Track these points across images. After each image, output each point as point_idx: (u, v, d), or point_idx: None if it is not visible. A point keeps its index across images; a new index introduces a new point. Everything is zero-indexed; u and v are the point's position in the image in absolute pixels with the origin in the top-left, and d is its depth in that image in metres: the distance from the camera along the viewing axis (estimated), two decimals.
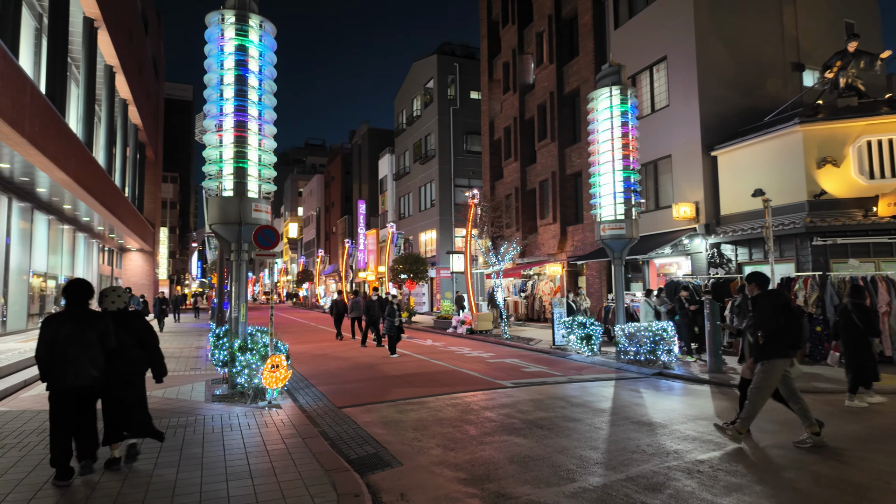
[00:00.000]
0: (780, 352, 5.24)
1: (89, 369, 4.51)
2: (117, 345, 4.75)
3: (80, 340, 4.51)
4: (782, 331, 5.23)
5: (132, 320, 5.03)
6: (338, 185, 52.39)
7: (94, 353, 4.56)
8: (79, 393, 4.51)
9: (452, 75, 32.42)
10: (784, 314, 5.25)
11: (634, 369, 10.60)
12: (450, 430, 6.21)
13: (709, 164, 14.49)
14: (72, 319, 4.58)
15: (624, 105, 12.39)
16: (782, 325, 5.22)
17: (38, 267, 18.75)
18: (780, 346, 5.24)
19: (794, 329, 5.27)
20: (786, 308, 5.31)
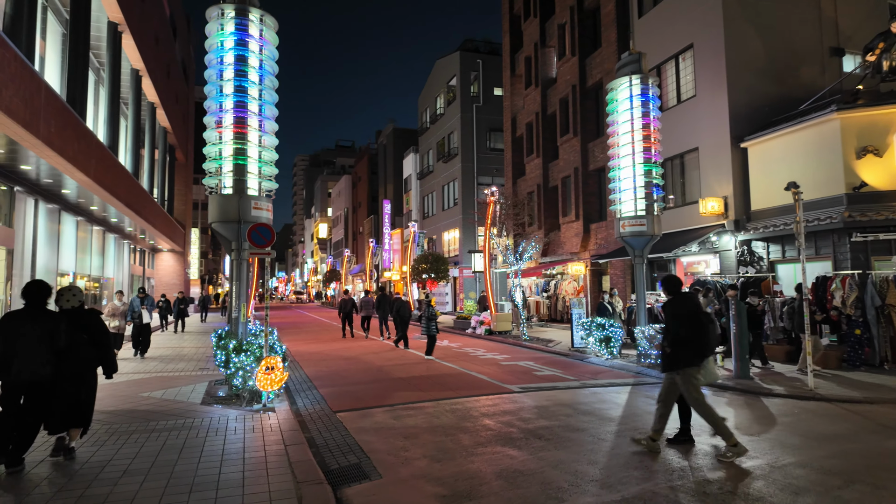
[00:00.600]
0: (687, 360, 5.12)
1: (37, 366, 4.71)
2: (69, 343, 4.91)
3: (31, 337, 4.73)
4: (688, 339, 5.10)
5: (87, 319, 5.14)
6: (364, 185, 52.59)
7: (43, 350, 4.75)
8: (28, 387, 4.73)
9: (475, 72, 31.98)
10: (689, 322, 5.10)
11: (655, 374, 10.00)
12: (442, 438, 5.83)
13: (738, 156, 13.67)
14: (27, 317, 4.82)
15: (645, 94, 11.76)
16: (687, 333, 5.09)
17: (66, 267, 19.18)
18: (686, 355, 5.11)
19: (700, 337, 5.12)
20: (692, 316, 5.14)
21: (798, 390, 8.15)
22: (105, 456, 5.12)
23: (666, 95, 16.18)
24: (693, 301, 5.34)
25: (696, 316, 5.18)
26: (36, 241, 16.34)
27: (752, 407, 7.27)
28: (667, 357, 5.26)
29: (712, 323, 5.33)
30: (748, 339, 9.53)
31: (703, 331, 5.15)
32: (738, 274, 12.87)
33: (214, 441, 5.63)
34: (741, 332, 9.35)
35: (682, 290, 5.54)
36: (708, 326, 5.20)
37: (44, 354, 4.76)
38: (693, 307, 5.26)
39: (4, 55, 9.72)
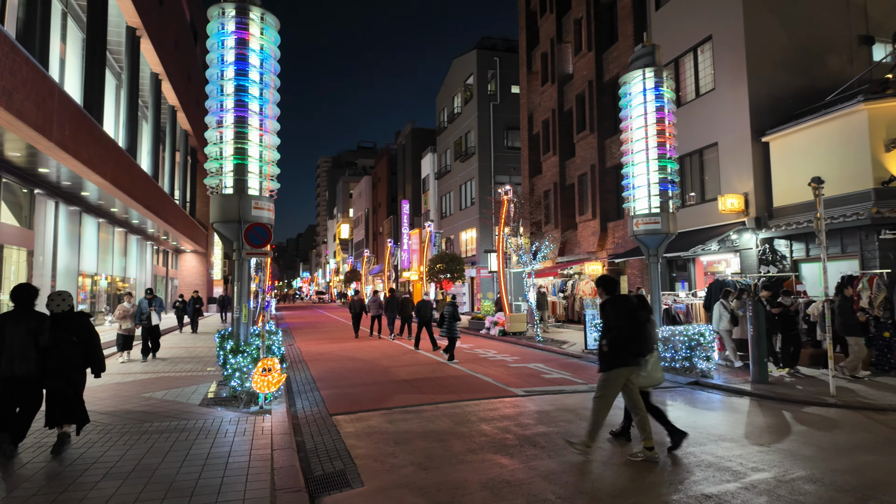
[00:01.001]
0: (622, 361, 5.09)
1: (21, 362, 5.07)
2: (53, 342, 5.23)
3: (17, 336, 5.08)
4: (624, 340, 5.05)
5: (73, 321, 5.44)
6: (384, 185, 52.71)
7: (27, 347, 5.09)
8: (17, 381, 5.08)
9: (492, 70, 31.68)
10: (627, 322, 5.04)
11: (668, 377, 9.61)
12: (434, 444, 5.63)
13: (759, 151, 13.13)
14: (14, 318, 5.19)
15: (659, 88, 11.35)
16: (624, 333, 5.04)
17: (88, 267, 19.58)
18: (621, 356, 5.07)
19: (636, 338, 5.08)
20: (628, 316, 5.07)
21: (818, 396, 7.71)
22: (90, 458, 5.07)
23: (684, 90, 15.68)
24: (631, 302, 5.23)
25: (634, 316, 5.10)
26: (57, 243, 16.70)
27: (767, 413, 6.88)
28: (604, 357, 5.19)
29: (649, 322, 5.25)
30: (766, 342, 9.10)
31: (640, 331, 5.10)
32: (760, 273, 12.35)
33: (202, 444, 5.53)
34: (758, 335, 8.92)
35: (618, 289, 5.51)
36: (646, 326, 5.15)
37: (28, 352, 5.11)
38: (630, 307, 5.16)
39: (16, 60, 9.88)
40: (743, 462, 4.88)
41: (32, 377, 5.12)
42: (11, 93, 9.72)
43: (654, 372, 5.30)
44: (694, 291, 14.60)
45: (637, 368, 5.17)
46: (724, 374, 9.62)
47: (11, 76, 9.69)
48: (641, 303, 5.50)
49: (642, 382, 5.33)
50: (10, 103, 9.70)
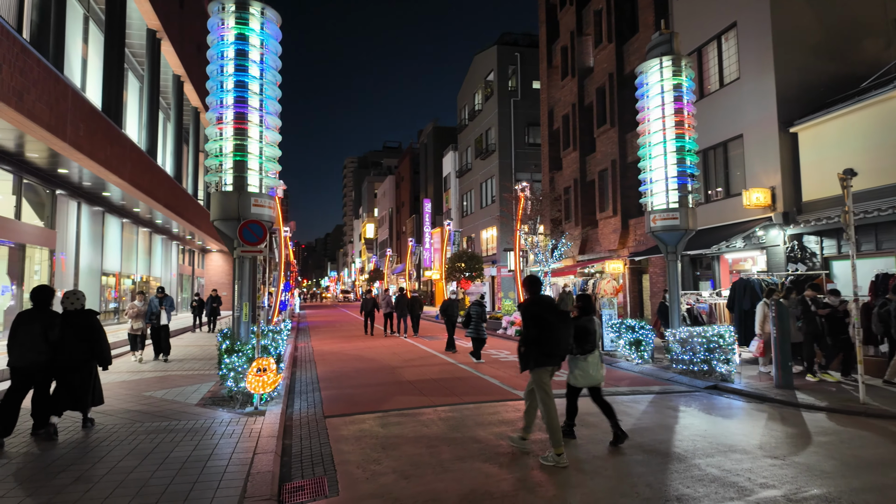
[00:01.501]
0: (534, 362, 5.11)
1: (31, 354, 5.63)
2: (62, 337, 5.77)
3: (30, 331, 5.65)
4: (531, 342, 5.08)
5: (82, 318, 6.00)
6: (407, 185, 52.69)
7: (37, 341, 5.63)
8: (26, 370, 5.64)
9: (513, 66, 31.22)
10: (537, 323, 5.02)
11: (685, 381, 9.14)
12: (423, 450, 5.36)
13: (787, 142, 12.43)
14: (30, 315, 5.77)
15: (677, 77, 10.82)
16: (534, 335, 5.04)
17: (111, 267, 19.96)
18: (532, 357, 5.10)
19: (544, 340, 5.04)
20: (534, 318, 5.06)
21: (846, 404, 7.15)
22: (68, 460, 4.97)
23: (708, 80, 15.02)
24: (545, 303, 5.18)
25: (543, 317, 5.06)
26: (79, 243, 17.03)
27: (788, 422, 6.39)
28: (520, 357, 5.21)
29: (564, 323, 5.12)
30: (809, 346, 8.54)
31: (549, 331, 5.03)
32: (787, 271, 11.68)
33: (185, 446, 5.39)
34: (782, 337, 8.37)
35: (539, 290, 5.45)
36: (557, 327, 5.05)
37: (40, 345, 5.66)
38: (538, 309, 5.12)
39: (27, 61, 9.99)
40: (752, 477, 4.47)
41: (42, 368, 5.70)
42: (22, 93, 9.85)
43: (592, 371, 5.41)
44: (718, 291, 13.95)
45: (553, 369, 5.16)
46: (746, 379, 9.08)
47: (22, 77, 9.82)
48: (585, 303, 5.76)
49: (581, 382, 5.44)
50: (21, 104, 9.82)
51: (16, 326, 5.67)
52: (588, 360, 5.46)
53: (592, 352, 5.46)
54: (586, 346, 5.48)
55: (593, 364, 5.46)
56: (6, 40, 9.30)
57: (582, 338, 5.46)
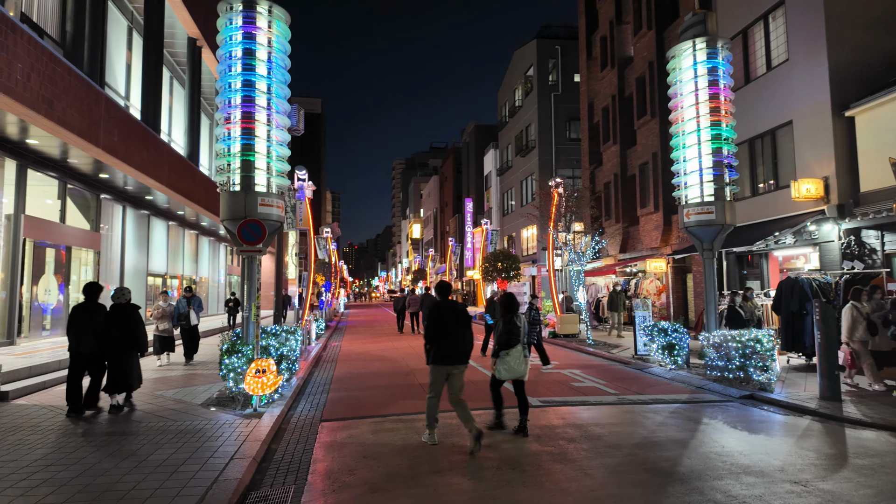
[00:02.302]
0: (431, 359, 5.50)
1: (86, 342, 6.66)
2: (106, 327, 6.75)
3: (83, 321, 6.68)
4: (428, 340, 5.50)
5: (125, 311, 6.98)
6: (450, 184, 52.53)
7: (89, 332, 6.67)
8: (82, 356, 6.70)
9: (553, 59, 30.38)
10: (436, 325, 5.44)
11: (719, 389, 8.40)
12: (404, 460, 5.05)
13: (842, 127, 11.29)
14: (83, 308, 6.80)
15: (712, 60, 10.02)
16: (432, 335, 5.46)
17: (157, 268, 20.76)
18: (431, 355, 5.50)
19: (439, 340, 5.44)
20: (432, 320, 5.49)
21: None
22: (49, 461, 4.96)
23: (754, 64, 13.93)
24: (440, 307, 5.56)
25: (442, 320, 5.44)
26: (124, 244, 17.76)
27: (826, 439, 5.65)
28: (426, 353, 5.61)
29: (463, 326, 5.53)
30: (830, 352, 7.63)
31: (447, 333, 5.41)
32: (842, 269, 10.59)
33: (167, 449, 5.30)
34: (828, 343, 7.51)
35: (448, 294, 5.88)
36: (455, 329, 5.45)
37: (90, 335, 6.67)
38: (436, 313, 5.50)
39: (56, 70, 10.39)
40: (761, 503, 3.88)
41: (93, 353, 6.71)
42: (53, 101, 10.24)
43: (515, 365, 5.82)
44: (766, 291, 12.89)
45: (450, 368, 5.48)
46: (790, 389, 8.23)
47: (52, 86, 10.21)
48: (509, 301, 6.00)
49: (505, 375, 5.86)
50: (52, 111, 10.22)
51: (71, 317, 6.72)
52: (510, 354, 5.82)
53: (515, 346, 5.82)
54: (510, 342, 5.82)
55: (515, 358, 5.82)
56: (34, 50, 9.69)
57: (505, 335, 5.83)
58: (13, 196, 12.14)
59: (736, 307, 10.65)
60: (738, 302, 10.85)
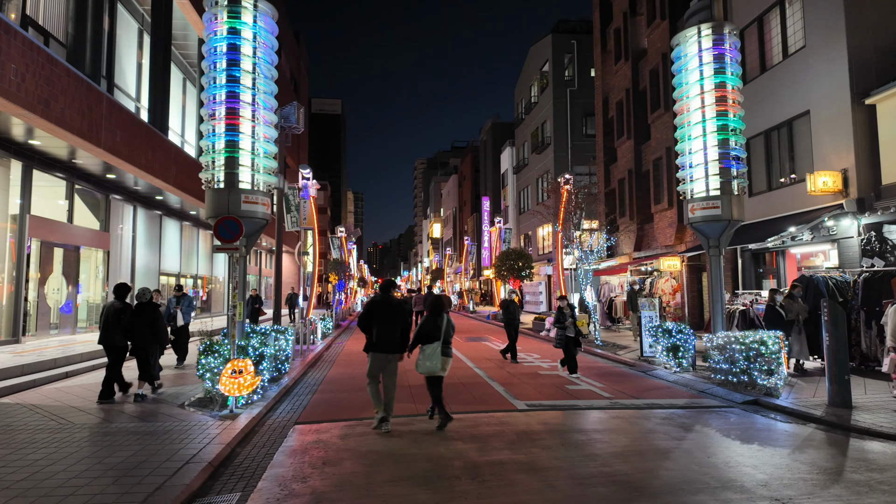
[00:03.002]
0: (367, 347, 6.30)
1: (114, 336, 7.51)
2: (132, 323, 7.60)
3: (111, 317, 7.54)
4: (366, 331, 6.28)
5: (147, 308, 7.80)
6: (469, 183, 52.19)
7: (115, 325, 7.50)
8: (111, 348, 7.54)
9: (569, 54, 29.80)
10: (368, 318, 6.24)
11: (722, 393, 7.94)
12: (363, 468, 4.81)
13: (863, 116, 10.62)
14: (112, 305, 7.66)
15: (719, 47, 9.51)
16: (364, 326, 6.28)
17: (170, 267, 21.00)
18: (367, 343, 6.29)
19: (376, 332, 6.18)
20: (369, 314, 6.25)
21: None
22: (7, 460, 4.87)
23: (769, 51, 13.28)
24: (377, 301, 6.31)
25: (374, 313, 6.22)
26: (135, 244, 17.97)
27: (826, 450, 5.20)
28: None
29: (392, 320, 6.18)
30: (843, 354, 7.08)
31: (377, 326, 6.18)
32: (862, 267, 9.95)
33: (127, 450, 5.18)
34: (836, 345, 7.00)
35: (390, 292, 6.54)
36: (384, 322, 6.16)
37: (117, 330, 7.51)
38: (372, 306, 6.30)
39: (53, 70, 10.46)
40: None
41: (120, 346, 7.55)
42: (49, 102, 10.31)
43: (428, 362, 6.21)
44: (783, 290, 12.26)
45: (383, 356, 6.19)
46: (798, 394, 7.72)
47: (49, 86, 10.28)
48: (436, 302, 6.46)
49: (421, 369, 6.30)
50: (49, 112, 10.29)
51: (103, 313, 7.68)
52: (426, 351, 6.25)
53: (432, 343, 6.23)
54: (430, 339, 6.28)
55: (429, 355, 6.22)
56: (30, 51, 9.76)
57: (426, 332, 6.34)
58: (18, 196, 12.33)
59: (776, 306, 9.45)
60: (779, 301, 9.63)
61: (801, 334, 9.60)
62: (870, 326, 9.44)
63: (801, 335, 9.65)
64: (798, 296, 9.81)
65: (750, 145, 13.90)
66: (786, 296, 9.77)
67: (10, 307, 12.00)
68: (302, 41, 44.44)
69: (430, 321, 6.38)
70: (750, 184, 13.97)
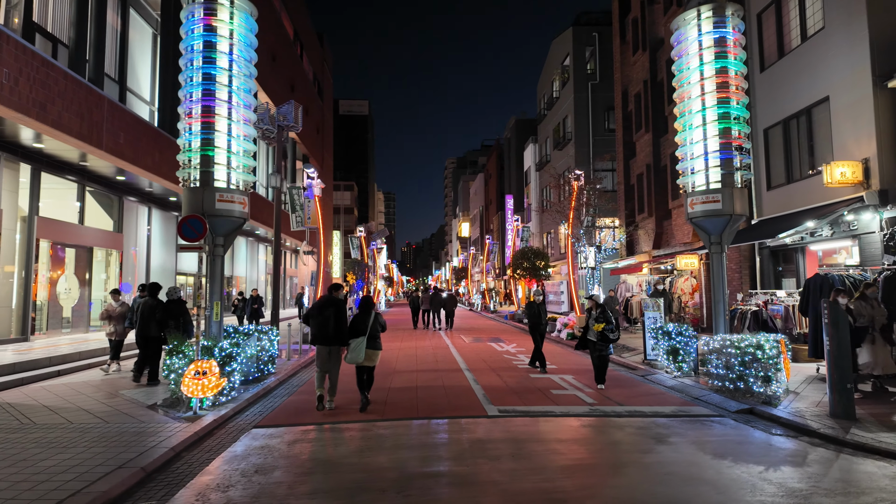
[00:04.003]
0: (310, 339, 7.41)
1: (147, 328, 8.63)
2: (163, 317, 8.62)
3: (147, 312, 8.68)
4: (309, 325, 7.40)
5: (173, 305, 8.82)
6: (494, 181, 51.67)
7: (150, 319, 8.63)
8: (148, 339, 8.66)
9: (591, 47, 28.99)
10: (311, 313, 7.42)
11: (717, 400, 7.38)
12: (290, 477, 4.58)
13: (886, 101, 9.77)
14: (145, 302, 8.78)
15: (720, 30, 8.89)
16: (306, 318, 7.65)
17: (187, 267, 21.36)
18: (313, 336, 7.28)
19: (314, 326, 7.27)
20: (312, 310, 7.48)
21: None
22: None
23: (788, 34, 12.45)
24: (322, 300, 7.49)
25: (314, 309, 7.40)
26: (150, 245, 18.33)
27: (806, 469, 4.67)
28: None
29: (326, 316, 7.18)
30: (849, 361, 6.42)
31: (315, 320, 7.27)
32: (884, 265, 9.15)
33: (67, 452, 5.11)
34: (838, 349, 6.37)
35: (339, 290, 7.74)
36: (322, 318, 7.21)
37: (150, 322, 8.63)
38: (317, 303, 7.58)
39: (49, 74, 10.65)
40: None
41: (154, 336, 8.60)
42: (45, 105, 10.50)
43: (352, 353, 7.01)
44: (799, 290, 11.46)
45: (322, 347, 7.19)
46: (798, 403, 7.10)
47: (44, 89, 10.46)
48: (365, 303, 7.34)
49: (349, 360, 7.04)
50: (45, 115, 10.48)
51: (137, 310, 8.78)
52: (351, 344, 7.05)
53: (358, 338, 7.04)
54: (355, 334, 7.10)
55: (353, 348, 7.01)
56: (23, 55, 9.94)
57: (355, 328, 7.14)
58: (28, 198, 12.67)
59: (847, 305, 7.67)
60: (843, 302, 7.59)
61: (874, 344, 7.72)
62: (891, 329, 8.65)
63: (876, 345, 7.70)
64: (873, 297, 8.02)
65: (768, 135, 13.08)
66: (857, 297, 8.01)
67: (19, 307, 12.33)
68: (326, 43, 44.83)
69: (360, 318, 7.18)
70: (768, 177, 13.15)
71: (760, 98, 13.29)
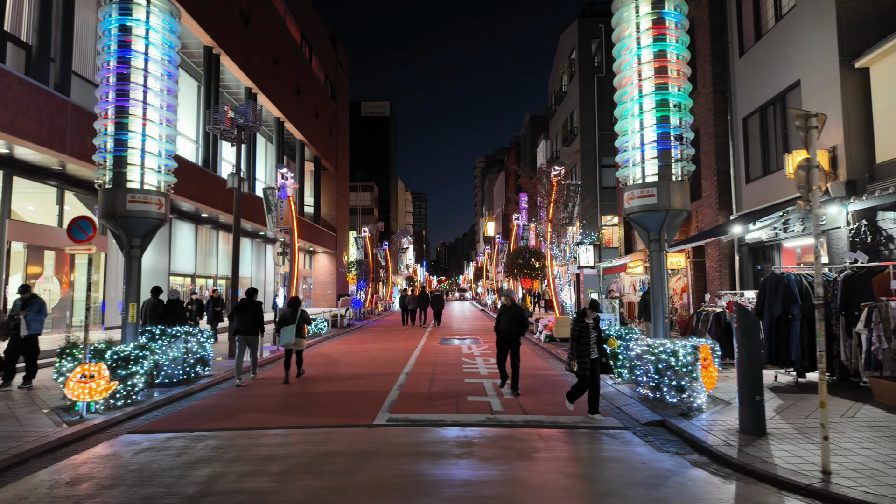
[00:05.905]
0: (235, 332, 9.20)
1: (151, 323, 9.71)
2: (164, 314, 10.22)
3: (150, 310, 10.27)
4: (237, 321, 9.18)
5: (174, 303, 10.53)
6: (513, 179, 50.92)
7: (154, 316, 10.16)
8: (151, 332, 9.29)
9: (597, 39, 28.04)
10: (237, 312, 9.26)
11: (634, 411, 6.83)
12: (98, 491, 4.36)
13: (854, 82, 8.86)
14: (149, 301, 10.42)
15: (657, 9, 8.25)
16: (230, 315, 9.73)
17: (182, 268, 21.74)
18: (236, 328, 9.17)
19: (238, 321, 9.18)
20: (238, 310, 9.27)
21: (806, 472, 4.52)
22: None
23: (764, 15, 11.55)
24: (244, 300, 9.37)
25: (236, 308, 9.26)
26: None
27: (667, 491, 4.13)
28: None
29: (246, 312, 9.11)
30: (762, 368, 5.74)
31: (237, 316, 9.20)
32: (844, 263, 8.28)
33: None
34: (748, 359, 5.73)
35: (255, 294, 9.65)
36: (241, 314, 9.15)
37: (154, 318, 10.09)
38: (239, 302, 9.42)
39: (1, 80, 10.91)
40: None
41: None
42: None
43: (286, 336, 9.20)
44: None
45: (240, 337, 9.10)
46: (716, 416, 6.44)
47: None
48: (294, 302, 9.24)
49: (280, 343, 9.26)
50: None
51: (143, 307, 10.09)
52: (282, 331, 9.23)
53: (288, 326, 9.22)
54: (287, 323, 9.29)
55: (284, 334, 9.21)
56: None
57: (283, 318, 9.31)
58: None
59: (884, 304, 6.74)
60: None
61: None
62: (850, 334, 7.83)
63: None
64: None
65: (747, 125, 12.21)
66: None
67: None
68: (340, 45, 45.07)
69: (289, 312, 9.42)
70: (747, 169, 12.28)
71: (739, 85, 12.40)
